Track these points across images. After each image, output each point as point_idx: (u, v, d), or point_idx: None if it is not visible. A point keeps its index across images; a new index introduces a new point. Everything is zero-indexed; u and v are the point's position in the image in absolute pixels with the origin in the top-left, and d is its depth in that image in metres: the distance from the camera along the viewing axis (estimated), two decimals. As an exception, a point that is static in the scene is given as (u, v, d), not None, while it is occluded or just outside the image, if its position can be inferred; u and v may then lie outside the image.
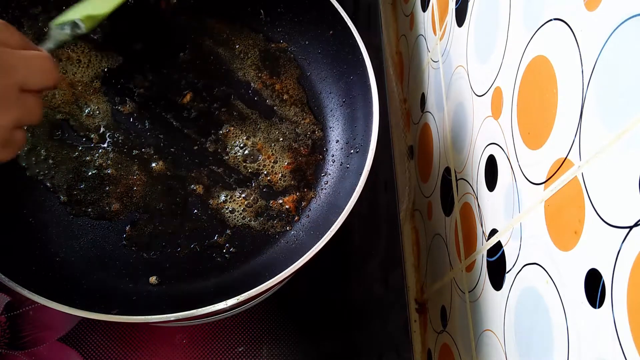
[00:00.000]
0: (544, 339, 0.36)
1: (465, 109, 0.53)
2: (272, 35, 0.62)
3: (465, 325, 0.51)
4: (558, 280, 0.35)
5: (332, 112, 0.59)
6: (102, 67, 0.59)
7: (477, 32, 0.50)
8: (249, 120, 0.58)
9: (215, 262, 0.52)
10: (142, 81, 0.59)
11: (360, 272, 0.62)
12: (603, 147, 0.30)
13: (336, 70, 0.59)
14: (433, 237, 0.62)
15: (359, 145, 0.54)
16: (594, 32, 0.31)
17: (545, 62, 0.37)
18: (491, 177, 0.46)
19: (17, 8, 0.56)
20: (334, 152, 0.58)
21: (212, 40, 0.61)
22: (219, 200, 0.55)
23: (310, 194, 0.56)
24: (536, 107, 0.38)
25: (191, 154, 0.56)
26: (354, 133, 0.56)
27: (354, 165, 0.54)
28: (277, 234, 0.54)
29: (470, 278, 0.50)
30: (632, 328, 0.27)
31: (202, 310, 0.44)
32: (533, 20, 0.39)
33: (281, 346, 0.57)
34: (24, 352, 0.55)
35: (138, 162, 0.55)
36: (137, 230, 0.53)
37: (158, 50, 0.60)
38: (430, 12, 0.65)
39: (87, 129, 0.56)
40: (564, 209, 0.34)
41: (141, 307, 0.49)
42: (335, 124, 0.59)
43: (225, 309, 0.45)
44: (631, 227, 0.27)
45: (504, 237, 0.43)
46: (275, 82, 0.60)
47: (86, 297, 0.47)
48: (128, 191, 0.54)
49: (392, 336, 0.60)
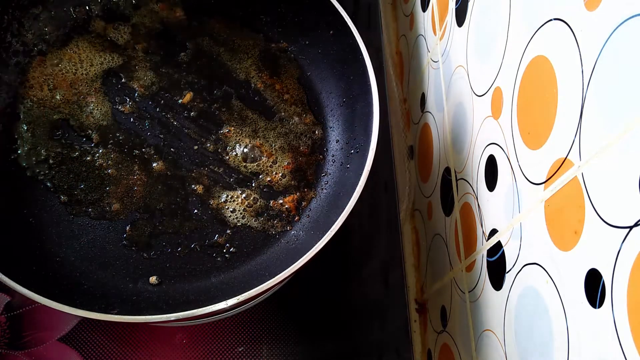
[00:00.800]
0: (544, 339, 0.36)
1: (465, 109, 0.53)
2: (273, 35, 0.62)
3: (465, 325, 0.51)
4: (558, 280, 0.35)
5: (332, 112, 0.59)
6: (102, 67, 0.59)
7: (477, 32, 0.50)
8: (249, 120, 0.58)
9: (216, 262, 0.52)
10: (142, 81, 0.59)
11: (360, 272, 0.62)
12: (603, 147, 0.30)
13: (336, 70, 0.59)
14: (433, 237, 0.62)
15: (359, 145, 0.54)
16: (594, 32, 0.31)
17: (545, 62, 0.37)
18: (491, 177, 0.46)
19: (17, 8, 0.56)
20: (334, 152, 0.58)
21: (212, 40, 0.61)
22: (219, 200, 0.55)
23: (311, 193, 0.56)
24: (536, 107, 0.38)
25: (191, 154, 0.56)
26: (354, 133, 0.56)
27: (354, 165, 0.54)
28: (277, 234, 0.54)
29: (470, 278, 0.50)
30: (632, 328, 0.27)
31: (202, 310, 0.44)
32: (533, 20, 0.39)
33: (281, 346, 0.57)
34: (24, 352, 0.55)
35: (138, 162, 0.55)
36: (137, 230, 0.53)
37: (158, 50, 0.60)
38: (430, 12, 0.65)
39: (88, 129, 0.56)
40: (564, 209, 0.34)
41: (141, 307, 0.49)
42: (336, 124, 0.59)
43: (226, 309, 0.45)
44: (631, 227, 0.27)
45: (504, 237, 0.43)
46: (276, 82, 0.60)
47: (86, 297, 0.47)
48: (128, 191, 0.54)
49: (392, 336, 0.60)
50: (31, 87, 0.56)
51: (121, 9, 0.61)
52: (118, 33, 0.60)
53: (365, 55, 0.54)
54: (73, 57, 0.58)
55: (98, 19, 0.60)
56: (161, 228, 0.53)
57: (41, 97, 0.56)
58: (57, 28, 0.59)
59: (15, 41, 0.56)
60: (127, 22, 0.61)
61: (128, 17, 0.61)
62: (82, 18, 0.60)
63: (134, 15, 0.61)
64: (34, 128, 0.55)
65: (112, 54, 0.59)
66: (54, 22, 0.58)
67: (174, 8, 0.62)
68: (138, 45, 0.60)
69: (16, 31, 0.56)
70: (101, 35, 0.60)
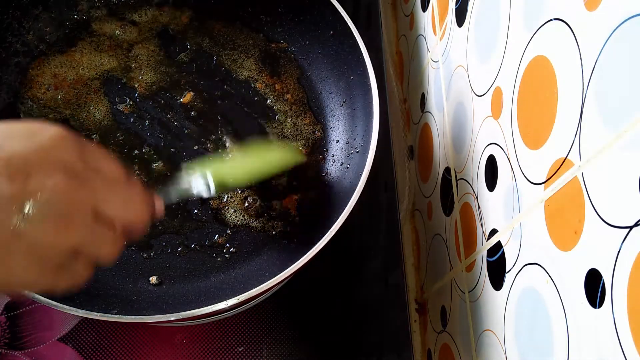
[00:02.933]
0: (544, 339, 0.36)
1: (465, 109, 0.53)
2: (273, 35, 0.62)
3: (465, 325, 0.51)
4: (558, 280, 0.35)
5: (332, 112, 0.59)
6: (103, 67, 0.59)
7: (477, 32, 0.50)
8: (249, 120, 0.58)
9: (215, 262, 0.52)
10: (142, 81, 0.59)
11: (360, 272, 0.62)
12: (603, 147, 0.30)
13: (336, 71, 0.59)
14: (433, 237, 0.62)
15: (360, 145, 0.54)
16: (594, 32, 0.31)
17: (545, 62, 0.37)
18: (491, 177, 0.46)
19: (18, 8, 0.56)
20: (334, 152, 0.58)
21: (212, 40, 0.61)
22: (219, 200, 0.55)
23: (311, 194, 0.56)
24: (536, 107, 0.38)
25: (191, 154, 0.56)
26: (354, 133, 0.56)
27: (354, 166, 0.54)
28: (277, 234, 0.54)
29: (470, 278, 0.50)
30: (632, 328, 0.27)
31: (202, 310, 0.44)
32: (533, 20, 0.39)
33: (281, 346, 0.57)
34: (24, 352, 0.55)
35: (138, 162, 0.55)
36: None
37: (158, 50, 0.60)
38: (430, 12, 0.65)
39: (88, 129, 0.56)
40: (564, 208, 0.34)
41: (141, 307, 0.49)
42: (336, 124, 0.59)
43: (226, 309, 0.45)
44: (631, 227, 0.27)
45: (504, 237, 0.43)
46: (276, 82, 0.60)
47: (86, 297, 0.47)
48: None
49: (392, 336, 0.60)
50: (31, 87, 0.56)
51: (121, 9, 0.61)
52: (118, 33, 0.60)
53: (366, 56, 0.54)
54: (73, 57, 0.58)
55: (98, 20, 0.60)
56: (161, 228, 0.53)
57: (41, 97, 0.56)
58: (57, 28, 0.59)
59: (16, 41, 0.57)
60: (128, 23, 0.61)
61: (128, 17, 0.61)
62: (83, 18, 0.60)
63: (134, 16, 0.61)
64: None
65: (112, 54, 0.59)
66: (54, 22, 0.58)
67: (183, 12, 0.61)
68: (138, 46, 0.60)
69: (16, 31, 0.56)
70: (101, 35, 0.60)
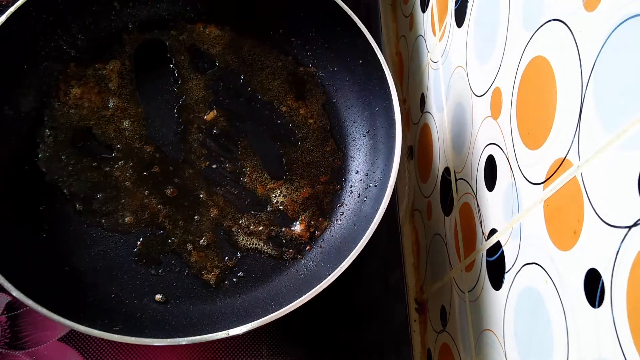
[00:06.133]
0: (544, 338, 0.36)
1: (464, 109, 0.53)
2: (302, 58, 0.61)
3: (465, 325, 0.51)
4: (557, 280, 0.35)
5: (354, 141, 0.58)
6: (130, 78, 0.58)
7: (476, 33, 0.50)
8: (270, 142, 0.58)
9: (223, 285, 0.52)
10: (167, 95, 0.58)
11: (360, 272, 0.62)
12: (602, 147, 0.30)
13: (362, 100, 0.58)
14: (433, 237, 0.62)
15: (379, 179, 0.53)
16: (592, 33, 0.31)
17: (544, 62, 0.37)
18: (490, 177, 0.46)
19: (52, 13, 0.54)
20: (352, 182, 0.57)
21: (241, 59, 0.61)
22: (232, 222, 0.54)
23: (325, 223, 0.55)
24: (535, 107, 0.38)
25: (209, 173, 0.56)
26: (374, 166, 0.55)
27: (371, 200, 0.53)
28: (287, 262, 0.53)
29: (470, 278, 0.50)
30: (632, 327, 0.27)
31: (203, 339, 0.44)
32: (532, 21, 0.39)
33: (281, 346, 0.57)
34: (24, 352, 0.55)
35: (155, 177, 0.55)
36: (148, 245, 0.52)
37: (187, 66, 0.60)
38: (429, 12, 0.65)
39: (110, 140, 0.56)
40: (563, 208, 0.34)
41: (144, 325, 0.48)
42: (357, 154, 0.58)
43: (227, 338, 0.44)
44: (630, 227, 0.28)
45: (503, 237, 0.43)
46: (301, 106, 0.59)
47: (90, 310, 0.47)
48: (142, 205, 0.54)
49: (391, 336, 0.60)
50: (58, 92, 0.56)
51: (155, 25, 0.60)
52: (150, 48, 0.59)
53: (393, 89, 0.53)
54: (103, 66, 0.58)
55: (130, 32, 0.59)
56: (172, 246, 0.53)
57: (68, 103, 0.56)
58: (90, 37, 0.58)
59: (47, 45, 0.56)
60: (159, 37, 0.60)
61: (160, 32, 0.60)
62: (118, 28, 0.59)
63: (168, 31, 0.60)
64: (56, 134, 0.55)
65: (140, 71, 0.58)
66: (88, 31, 0.57)
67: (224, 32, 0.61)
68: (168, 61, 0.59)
69: (49, 35, 0.55)
70: (133, 46, 0.59)
